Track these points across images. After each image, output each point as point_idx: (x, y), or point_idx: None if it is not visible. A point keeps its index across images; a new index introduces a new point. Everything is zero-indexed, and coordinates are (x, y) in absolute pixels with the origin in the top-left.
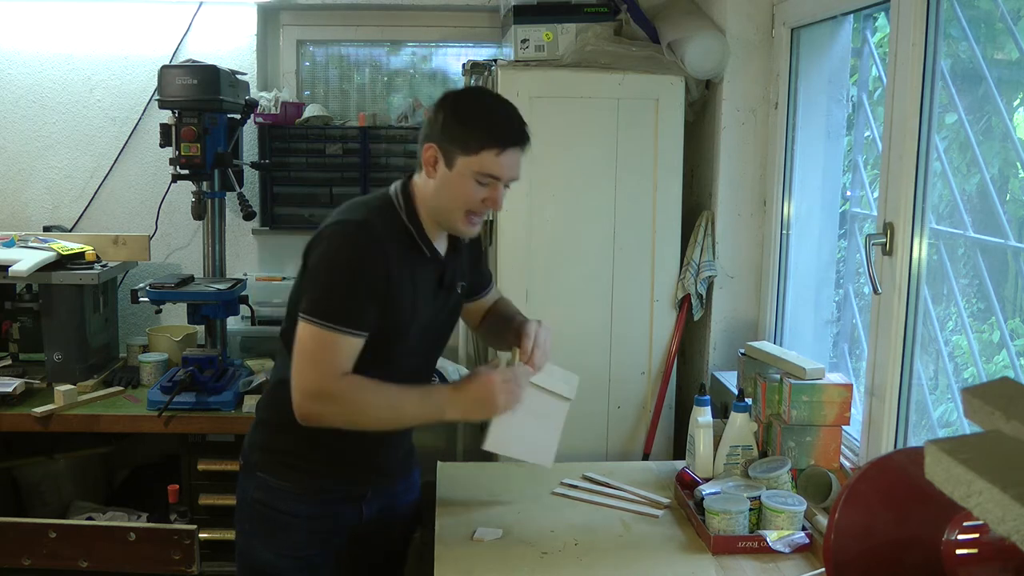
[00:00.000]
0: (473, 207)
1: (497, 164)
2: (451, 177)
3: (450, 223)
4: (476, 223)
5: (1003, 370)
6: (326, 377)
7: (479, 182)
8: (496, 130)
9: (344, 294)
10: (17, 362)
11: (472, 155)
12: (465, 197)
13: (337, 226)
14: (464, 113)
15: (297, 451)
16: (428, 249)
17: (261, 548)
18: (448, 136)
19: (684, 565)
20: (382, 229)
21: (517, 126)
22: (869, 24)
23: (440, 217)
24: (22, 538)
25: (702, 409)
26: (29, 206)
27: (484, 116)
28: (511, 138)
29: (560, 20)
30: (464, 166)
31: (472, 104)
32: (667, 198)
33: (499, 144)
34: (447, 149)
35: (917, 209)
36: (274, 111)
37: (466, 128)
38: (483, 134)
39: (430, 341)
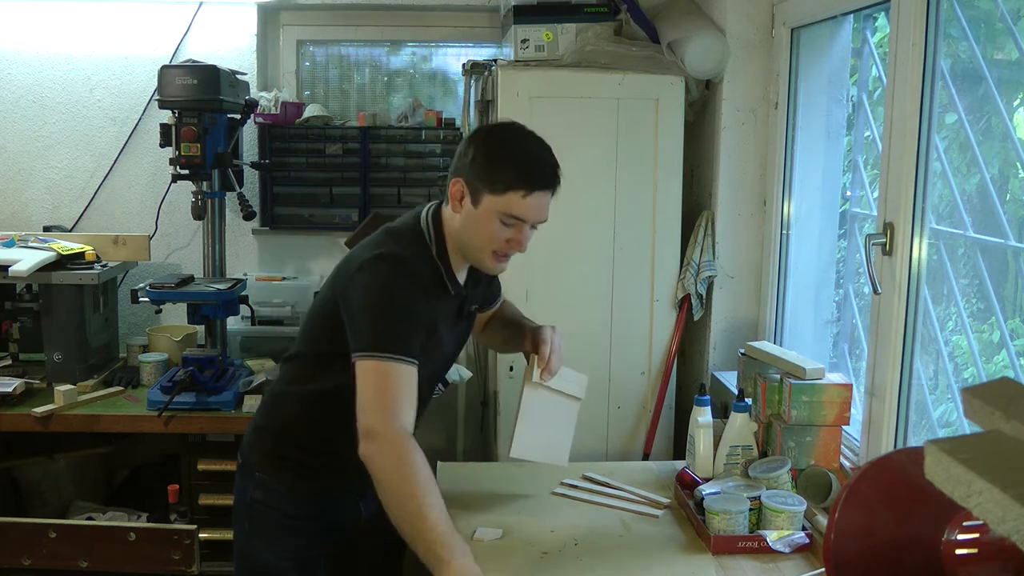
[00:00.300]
0: (497, 247)
1: (523, 206)
2: (476, 215)
3: (477, 260)
4: (503, 262)
5: (1003, 370)
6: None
7: (504, 223)
8: (524, 172)
9: (397, 324)
10: (17, 362)
11: (498, 195)
12: (489, 236)
13: (378, 259)
14: (493, 151)
15: (298, 458)
16: (453, 287)
17: (260, 548)
18: (476, 173)
19: (684, 565)
20: (418, 264)
21: (546, 168)
22: (869, 24)
23: (467, 253)
24: (22, 538)
25: (702, 409)
26: (29, 206)
27: (513, 156)
28: (539, 181)
29: (560, 20)
30: (490, 205)
31: (502, 142)
32: (667, 198)
33: (526, 186)
34: (474, 186)
35: (917, 209)
36: (274, 111)
37: (494, 167)
38: (510, 175)
39: (441, 365)
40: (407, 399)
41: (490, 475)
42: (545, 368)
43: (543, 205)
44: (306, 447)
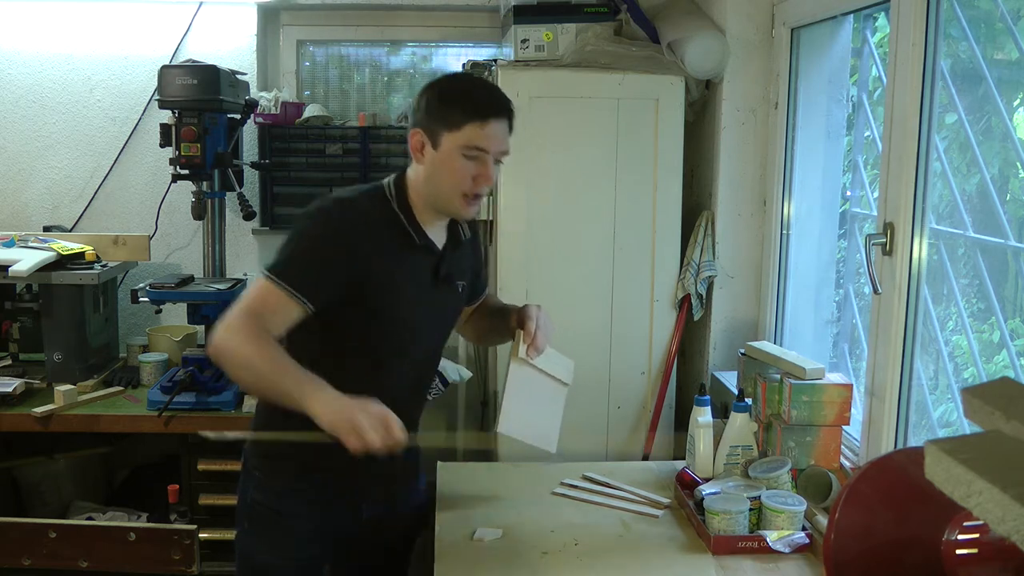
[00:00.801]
0: (466, 186)
1: (481, 135)
2: (439, 157)
3: (448, 206)
4: (474, 204)
5: (1003, 370)
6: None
7: (467, 156)
8: (477, 102)
9: (301, 260)
10: (17, 362)
11: (456, 131)
12: (457, 176)
13: (325, 199)
14: (444, 93)
15: (293, 456)
16: (418, 236)
17: (259, 549)
18: (431, 118)
19: (684, 565)
20: (365, 210)
21: (497, 97)
22: (869, 24)
23: (437, 202)
24: (22, 538)
25: (702, 409)
26: (29, 206)
27: (464, 92)
28: (492, 108)
29: (560, 20)
30: (450, 143)
31: (452, 84)
32: (667, 198)
33: (481, 116)
34: (432, 131)
35: (917, 209)
36: (274, 111)
37: (447, 106)
38: (464, 108)
39: (425, 332)
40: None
41: (490, 475)
42: (531, 344)
43: (501, 134)
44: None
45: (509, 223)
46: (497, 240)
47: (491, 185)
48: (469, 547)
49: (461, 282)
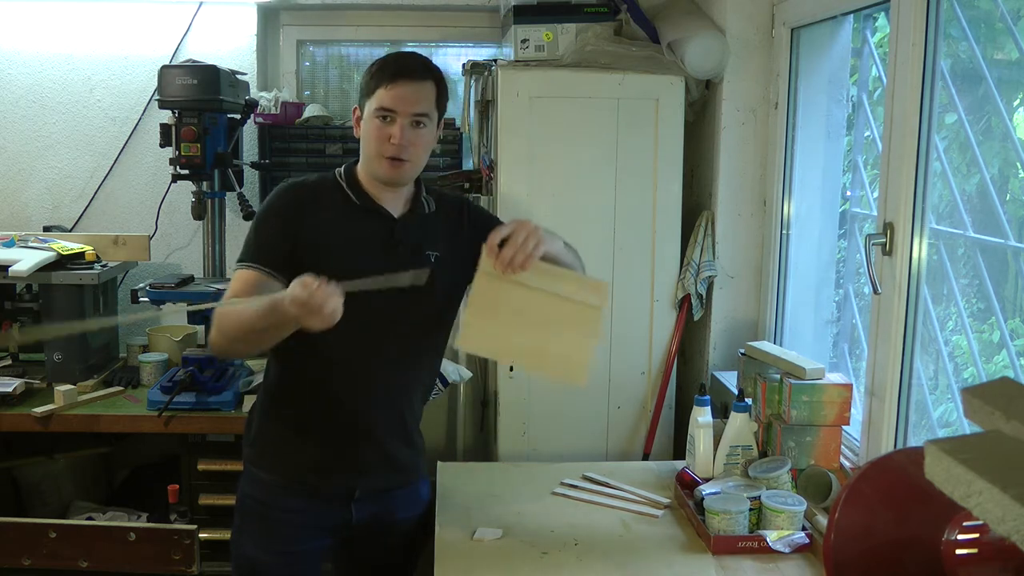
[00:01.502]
0: (383, 148)
1: (388, 96)
2: (364, 126)
3: (374, 170)
4: (398, 167)
5: (1003, 370)
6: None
7: (380, 118)
8: (386, 67)
9: (253, 238)
10: (17, 362)
11: (370, 96)
12: (373, 137)
13: None
14: (368, 67)
15: (282, 439)
16: (359, 198)
17: (247, 542)
18: (360, 92)
19: (684, 565)
20: (307, 183)
21: (406, 60)
22: (869, 24)
23: (369, 168)
24: (22, 538)
25: (702, 409)
26: (29, 206)
27: (379, 61)
28: (400, 71)
29: (560, 20)
30: (368, 110)
31: (375, 60)
32: (667, 198)
33: (387, 78)
34: (361, 103)
35: (917, 209)
36: (274, 111)
37: (367, 76)
38: (375, 74)
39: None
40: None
41: (490, 475)
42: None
43: (410, 95)
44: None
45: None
46: None
47: (399, 143)
48: (469, 547)
49: (432, 252)
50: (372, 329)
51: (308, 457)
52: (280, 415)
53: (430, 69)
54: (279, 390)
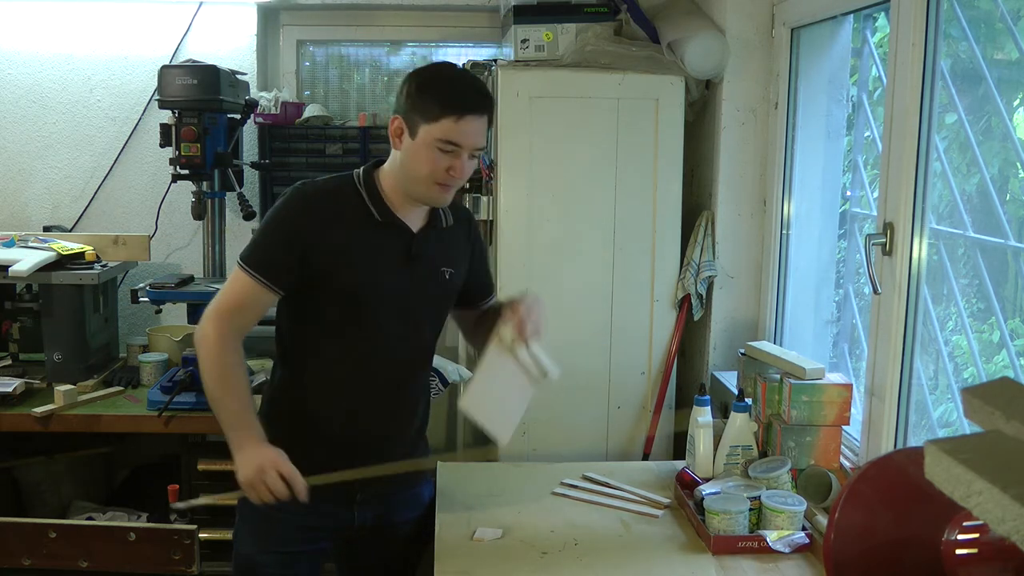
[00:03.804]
0: (439, 176)
1: (456, 130)
2: (415, 146)
3: (420, 193)
4: (447, 192)
5: (1003, 370)
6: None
7: (441, 150)
8: (455, 96)
9: (261, 242)
10: (17, 362)
11: (433, 123)
12: (431, 166)
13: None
14: (425, 83)
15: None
16: (381, 213)
17: (244, 541)
18: (411, 106)
19: (684, 565)
20: (324, 189)
21: (476, 93)
22: (869, 24)
23: (410, 188)
24: (22, 538)
25: (702, 409)
26: (29, 206)
27: (444, 84)
28: (469, 104)
29: (560, 20)
30: (426, 134)
31: (433, 74)
32: (667, 198)
33: (457, 111)
34: (410, 119)
35: (917, 209)
36: (274, 111)
37: (427, 96)
38: (442, 101)
39: (400, 313)
40: (242, 309)
41: (490, 475)
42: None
43: (477, 130)
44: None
45: (509, 223)
46: (497, 240)
47: (463, 179)
48: (469, 547)
49: (447, 268)
50: (386, 341)
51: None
52: (286, 420)
53: (490, 99)
54: (286, 396)
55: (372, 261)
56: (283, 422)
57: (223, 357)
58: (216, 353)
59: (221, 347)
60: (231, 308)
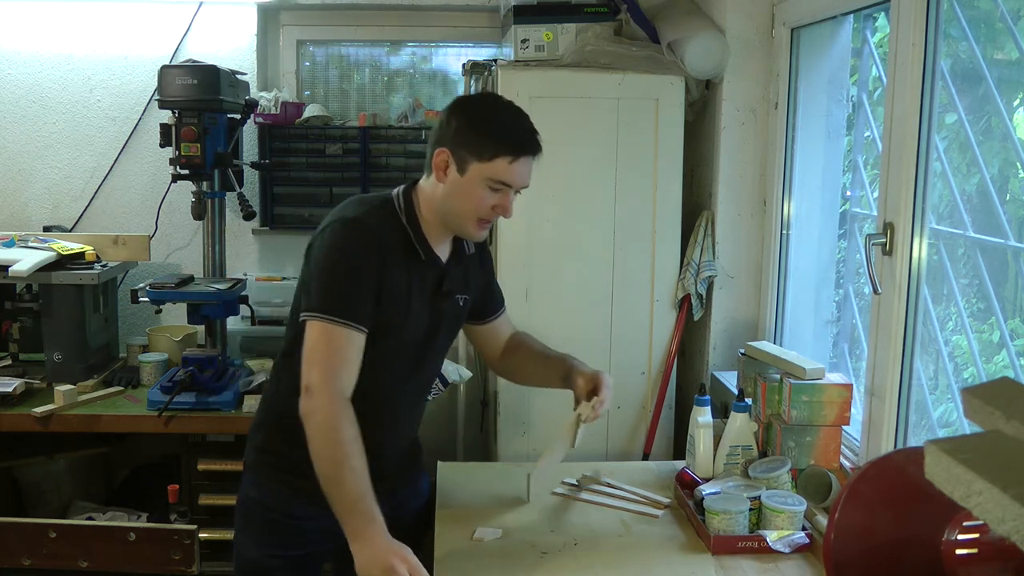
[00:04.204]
0: (484, 213)
1: (510, 171)
2: (463, 183)
3: (460, 227)
4: (485, 228)
5: (1003, 370)
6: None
7: (491, 188)
8: (511, 138)
9: (343, 288)
10: (17, 362)
11: (485, 162)
12: (476, 203)
13: (335, 223)
14: (479, 120)
15: (292, 456)
16: (424, 252)
17: (249, 545)
18: (462, 141)
19: (684, 565)
20: (378, 226)
21: (531, 135)
22: (869, 24)
23: (450, 221)
24: (22, 538)
25: (702, 409)
26: (29, 206)
27: (499, 124)
28: (525, 146)
29: (560, 20)
30: (477, 172)
31: (487, 111)
32: (667, 198)
33: (513, 152)
34: (460, 155)
35: (917, 209)
36: (274, 111)
37: (481, 135)
38: (498, 141)
39: (425, 346)
40: (347, 363)
41: (490, 475)
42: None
43: (528, 171)
44: (296, 441)
45: (509, 223)
46: (497, 240)
47: (507, 216)
48: (469, 547)
49: (463, 296)
50: (406, 369)
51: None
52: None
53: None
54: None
55: (411, 298)
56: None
57: (342, 432)
58: (335, 427)
59: (339, 419)
60: (337, 368)
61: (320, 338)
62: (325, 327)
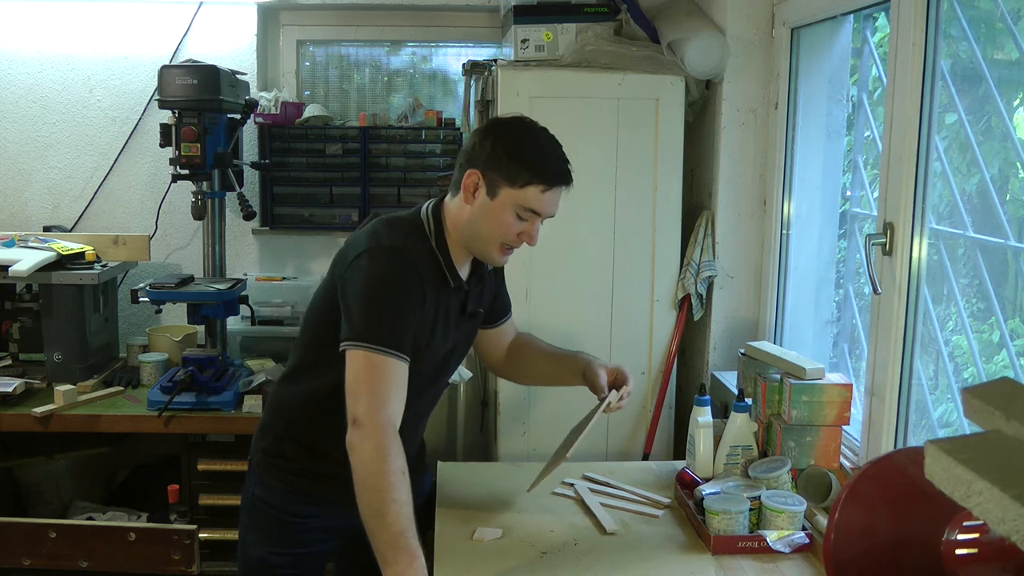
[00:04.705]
0: (509, 240)
1: (541, 200)
2: (491, 207)
3: (483, 252)
4: (508, 254)
5: (1003, 370)
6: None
7: (519, 216)
8: (546, 168)
9: (390, 317)
10: (17, 362)
11: (517, 188)
12: (503, 228)
13: (375, 250)
14: (514, 146)
15: (299, 459)
16: (454, 279)
17: (254, 544)
18: (494, 165)
19: (684, 565)
20: (413, 255)
21: (564, 165)
22: (869, 24)
23: (473, 245)
24: (22, 538)
25: (702, 409)
26: (29, 206)
27: (534, 152)
28: (559, 177)
29: (560, 20)
30: (507, 198)
31: (522, 137)
32: (667, 198)
33: (547, 182)
34: (492, 178)
35: (917, 209)
36: (274, 111)
37: (515, 162)
38: (532, 170)
39: (444, 365)
40: (395, 393)
41: (490, 475)
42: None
43: (557, 201)
44: (307, 448)
45: None
46: None
47: (532, 244)
48: (469, 547)
49: (479, 308)
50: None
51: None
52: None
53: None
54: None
55: (436, 326)
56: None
57: (390, 463)
58: (383, 457)
59: (387, 450)
60: (384, 398)
61: (364, 368)
62: (369, 356)
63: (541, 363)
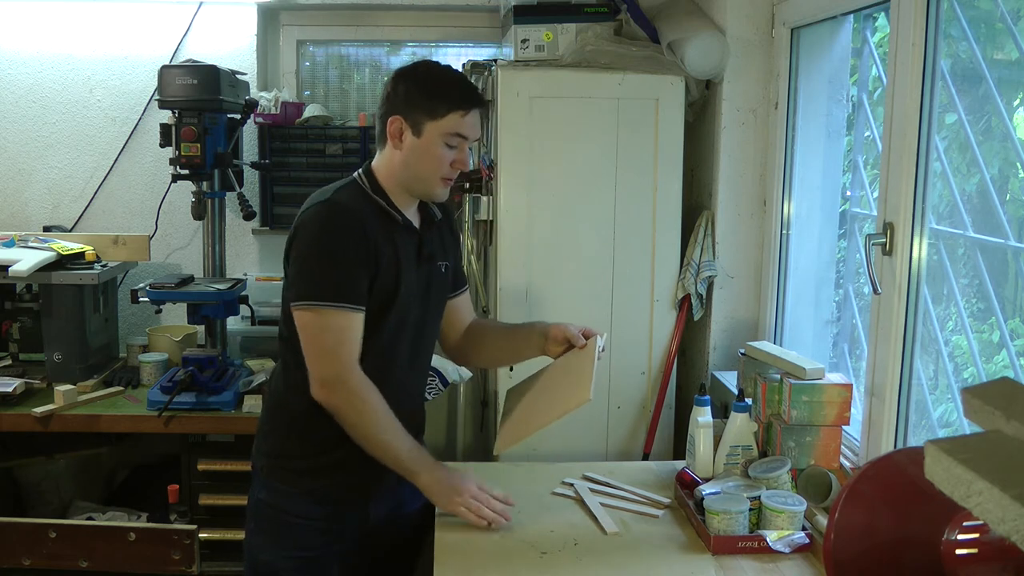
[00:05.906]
0: (445, 171)
1: (464, 124)
2: (420, 144)
3: (425, 190)
4: (448, 186)
5: (1003, 370)
6: (338, 362)
7: (448, 145)
8: (460, 93)
9: (331, 270)
10: (17, 362)
11: (440, 119)
12: (437, 162)
13: (311, 209)
14: (426, 83)
15: (303, 457)
16: (399, 215)
17: (262, 547)
18: (413, 106)
19: (684, 565)
20: (350, 201)
21: (473, 88)
22: (869, 24)
23: (415, 186)
24: (22, 538)
25: (702, 409)
26: (29, 206)
27: (446, 83)
28: (473, 100)
29: (560, 20)
30: (433, 131)
31: (430, 74)
32: (667, 198)
33: (464, 106)
34: (414, 118)
35: (917, 209)
36: (274, 111)
37: (431, 96)
38: (449, 99)
39: (416, 317)
40: (347, 342)
41: (490, 475)
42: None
43: (478, 123)
44: (310, 442)
45: (509, 223)
46: (497, 240)
47: (466, 169)
48: (469, 547)
49: (444, 262)
50: (404, 343)
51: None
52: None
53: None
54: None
55: (400, 265)
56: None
57: (377, 402)
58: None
59: (368, 392)
60: (348, 349)
61: (310, 324)
62: (326, 313)
63: (500, 339)
